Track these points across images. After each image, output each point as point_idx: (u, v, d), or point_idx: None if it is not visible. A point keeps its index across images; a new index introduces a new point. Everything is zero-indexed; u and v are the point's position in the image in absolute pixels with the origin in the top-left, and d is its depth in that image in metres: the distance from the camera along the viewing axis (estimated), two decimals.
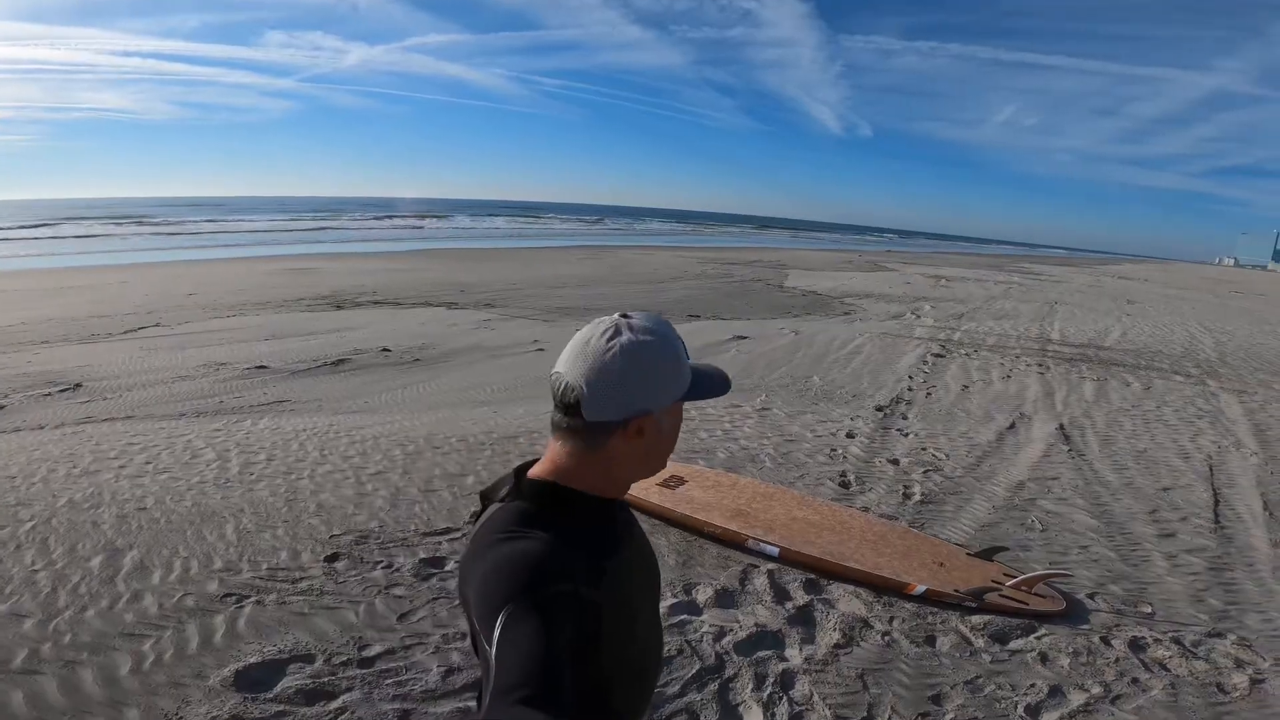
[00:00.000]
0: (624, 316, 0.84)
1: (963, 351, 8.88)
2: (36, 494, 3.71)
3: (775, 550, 3.13)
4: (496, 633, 0.67)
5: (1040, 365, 8.28)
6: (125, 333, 8.54)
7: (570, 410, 0.82)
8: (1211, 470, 4.96)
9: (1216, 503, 4.35)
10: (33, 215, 44.97)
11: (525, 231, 43.19)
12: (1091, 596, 3.03)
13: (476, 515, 0.89)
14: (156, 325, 9.06)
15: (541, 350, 8.04)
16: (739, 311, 11.82)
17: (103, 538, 3.21)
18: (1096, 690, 2.40)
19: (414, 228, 40.82)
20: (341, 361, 7.17)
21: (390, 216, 52.81)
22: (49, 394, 5.84)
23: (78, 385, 6.11)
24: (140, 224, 36.04)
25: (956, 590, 2.84)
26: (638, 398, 0.82)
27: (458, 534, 3.36)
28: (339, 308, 10.68)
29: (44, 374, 6.41)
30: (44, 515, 3.44)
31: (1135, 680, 2.48)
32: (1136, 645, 2.70)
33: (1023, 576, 2.91)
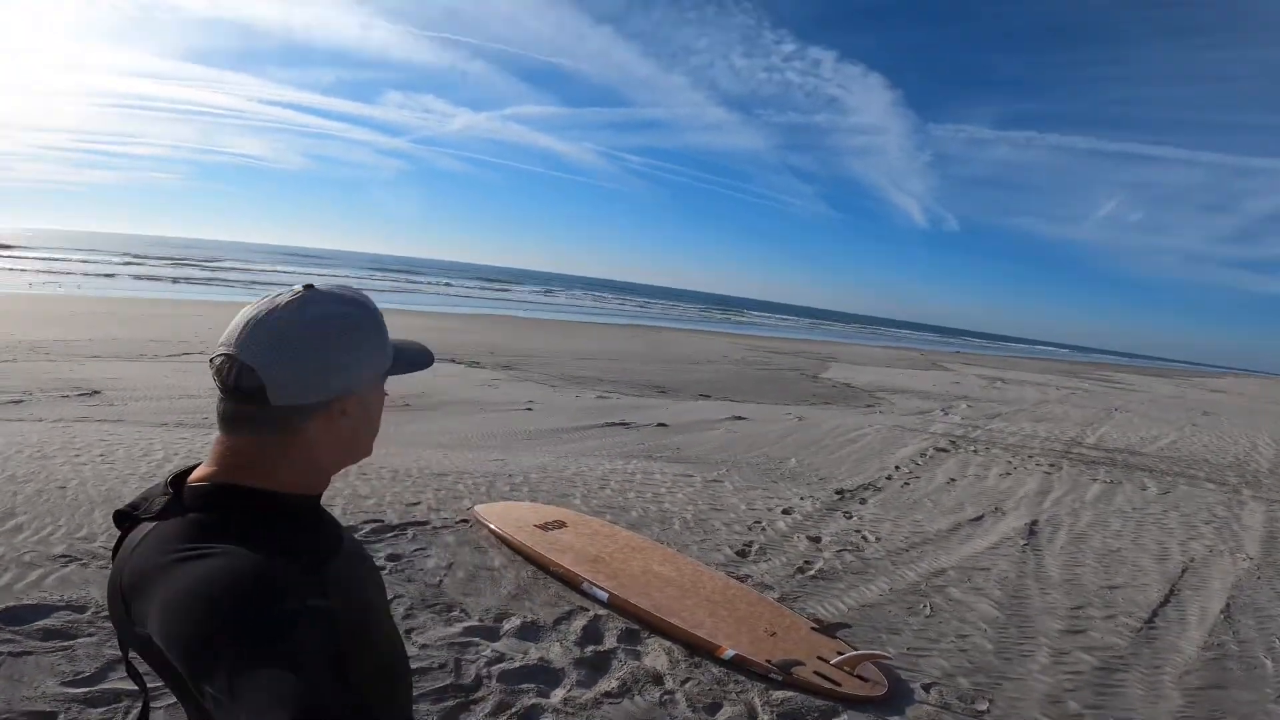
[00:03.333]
0: (308, 287, 0.74)
1: (971, 448, 8.37)
2: None
3: (605, 595, 3.02)
4: (227, 680, 0.54)
5: (1053, 465, 7.68)
6: (170, 356, 9.42)
7: (248, 397, 0.69)
8: (1184, 572, 4.43)
9: (1164, 603, 3.88)
10: (160, 251, 51.05)
11: (586, 307, 44.62)
12: (927, 687, 2.72)
13: (118, 545, 0.72)
14: (202, 353, 9.92)
15: (529, 410, 8.22)
16: (753, 396, 11.68)
17: (9, 504, 3.51)
18: None
19: (484, 294, 43.22)
20: None
21: (472, 281, 56.00)
22: (68, 396, 6.49)
23: (96, 392, 6.77)
24: (244, 268, 40.10)
25: (768, 660, 2.64)
26: (341, 375, 0.72)
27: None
28: None
29: (75, 380, 7.14)
30: None
31: None
32: None
33: (845, 655, 2.67)
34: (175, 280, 27.74)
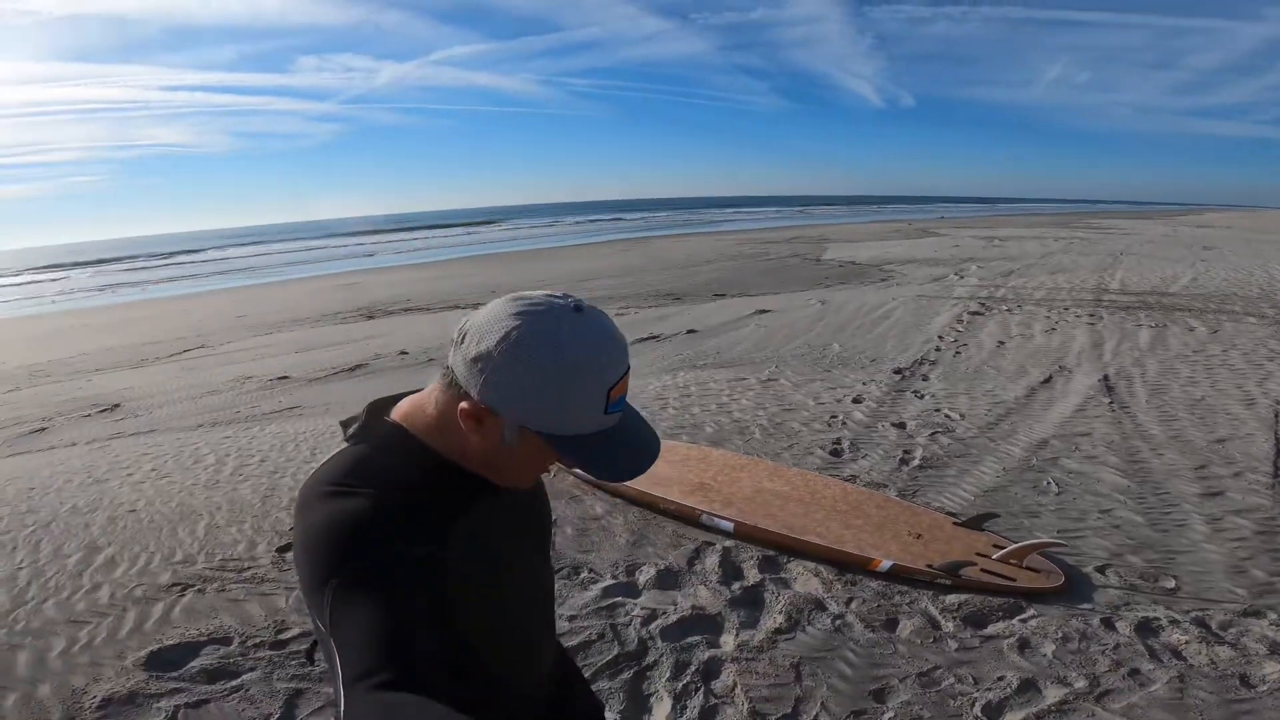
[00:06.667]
0: (577, 310, 0.68)
1: (1004, 308, 8.26)
2: (47, 502, 3.90)
3: (729, 525, 2.91)
4: (328, 612, 0.61)
5: (1092, 316, 7.59)
6: (171, 356, 9.05)
7: (455, 346, 0.71)
8: (1278, 416, 4.36)
9: (1279, 453, 3.79)
10: (108, 252, 48.76)
11: (567, 233, 43.36)
12: (1102, 569, 2.63)
13: None
14: (202, 347, 9.56)
15: None
16: (767, 287, 11.44)
17: (88, 538, 3.34)
18: (1080, 684, 2.03)
19: (466, 239, 41.85)
20: (359, 366, 7.33)
21: (449, 230, 54.25)
22: (89, 415, 6.21)
23: (116, 405, 6.48)
24: (206, 257, 38.52)
25: (929, 565, 2.54)
26: (490, 384, 0.68)
27: None
28: (371, 317, 10.98)
29: (90, 397, 6.84)
30: (46, 520, 3.62)
31: (1134, 672, 2.08)
32: (1146, 628, 2.28)
33: (1011, 547, 2.58)
34: (134, 284, 26.15)
